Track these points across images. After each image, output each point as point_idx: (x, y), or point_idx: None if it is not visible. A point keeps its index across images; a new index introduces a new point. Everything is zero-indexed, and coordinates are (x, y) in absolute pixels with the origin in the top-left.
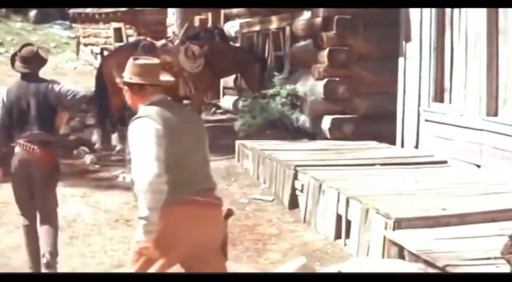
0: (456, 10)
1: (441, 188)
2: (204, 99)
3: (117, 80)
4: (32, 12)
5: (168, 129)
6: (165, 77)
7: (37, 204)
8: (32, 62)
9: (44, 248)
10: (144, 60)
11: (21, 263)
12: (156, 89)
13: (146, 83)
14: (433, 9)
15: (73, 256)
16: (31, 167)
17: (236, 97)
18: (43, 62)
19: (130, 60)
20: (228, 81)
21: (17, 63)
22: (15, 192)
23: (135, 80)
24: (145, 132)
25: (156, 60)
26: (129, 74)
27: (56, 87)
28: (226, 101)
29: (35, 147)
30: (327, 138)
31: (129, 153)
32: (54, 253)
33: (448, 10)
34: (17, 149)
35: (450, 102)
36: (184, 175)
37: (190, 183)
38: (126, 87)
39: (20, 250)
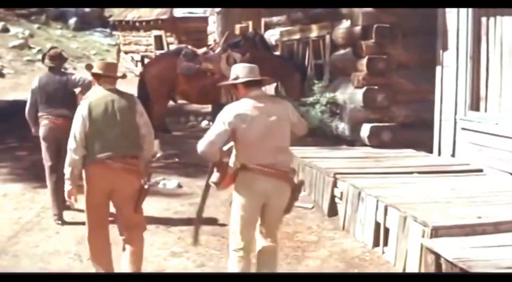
0: (492, 20)
1: (477, 196)
2: None
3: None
4: (72, 20)
5: (93, 112)
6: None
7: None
8: (56, 59)
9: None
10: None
11: (60, 267)
12: (106, 80)
13: (103, 73)
14: (470, 19)
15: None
16: (57, 132)
17: None
18: (64, 60)
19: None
20: (268, 89)
21: (46, 60)
22: (46, 151)
23: (98, 71)
24: (76, 115)
25: (115, 61)
26: (96, 68)
27: (73, 77)
28: None
29: (60, 119)
30: (365, 145)
31: None
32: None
33: (483, 20)
34: (45, 121)
35: (486, 110)
36: (100, 145)
37: (104, 150)
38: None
39: (59, 255)
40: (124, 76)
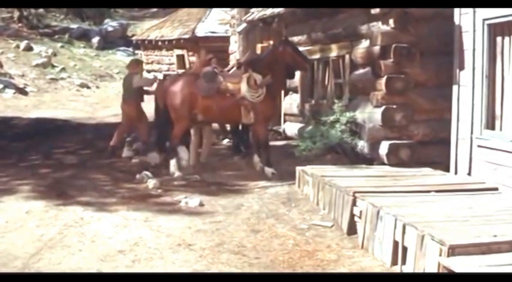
0: (506, 39)
1: (492, 215)
2: (267, 127)
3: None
4: (95, 39)
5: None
6: None
7: None
8: None
9: None
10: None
11: None
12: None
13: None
14: (485, 39)
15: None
16: None
17: (298, 124)
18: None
19: None
20: (289, 108)
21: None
22: None
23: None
24: None
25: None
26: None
27: None
28: (288, 128)
29: None
30: (384, 163)
31: None
32: None
33: (499, 39)
34: None
35: (501, 129)
36: None
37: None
38: None
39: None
40: None
